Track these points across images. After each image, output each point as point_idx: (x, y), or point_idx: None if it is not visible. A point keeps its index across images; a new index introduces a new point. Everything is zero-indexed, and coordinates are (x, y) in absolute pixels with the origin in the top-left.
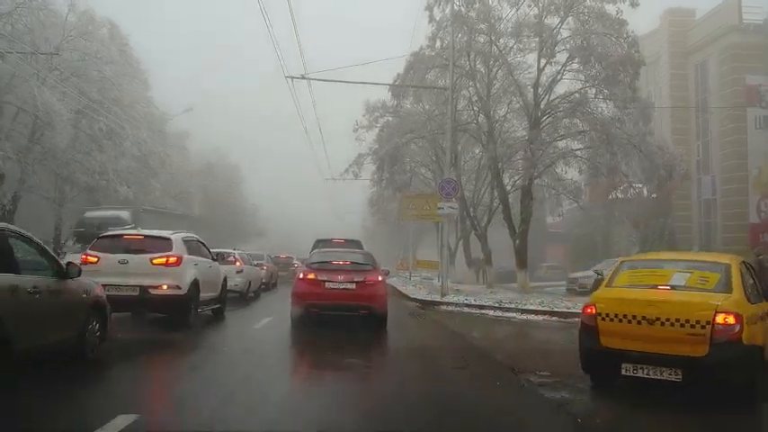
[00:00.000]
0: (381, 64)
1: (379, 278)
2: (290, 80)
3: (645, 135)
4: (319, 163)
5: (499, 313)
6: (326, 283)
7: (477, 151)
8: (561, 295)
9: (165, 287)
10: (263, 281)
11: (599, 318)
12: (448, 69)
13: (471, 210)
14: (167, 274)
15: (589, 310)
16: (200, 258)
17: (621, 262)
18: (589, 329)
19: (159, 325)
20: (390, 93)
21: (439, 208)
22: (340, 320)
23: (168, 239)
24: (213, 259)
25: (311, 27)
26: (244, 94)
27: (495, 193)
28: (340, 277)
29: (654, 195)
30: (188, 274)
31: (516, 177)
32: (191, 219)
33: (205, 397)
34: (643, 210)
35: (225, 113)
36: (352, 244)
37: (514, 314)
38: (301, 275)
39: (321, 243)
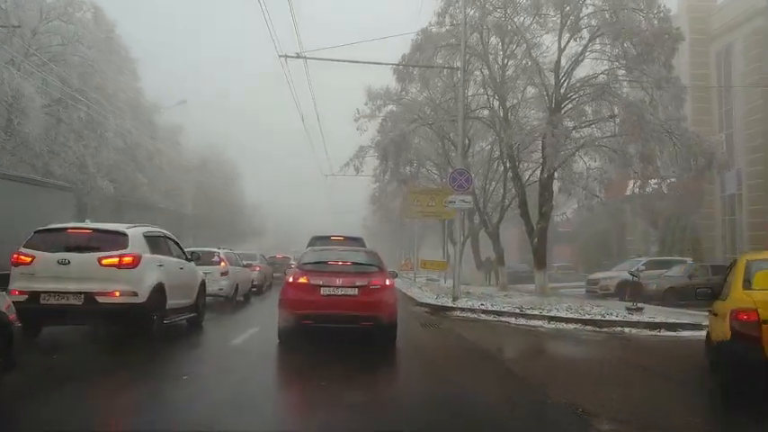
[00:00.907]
0: (384, 49)
1: (387, 282)
2: (284, 61)
3: (679, 120)
4: (319, 159)
5: (522, 321)
6: (322, 289)
7: (486, 143)
8: (583, 298)
9: (117, 294)
10: (255, 283)
11: (765, 325)
12: (458, 49)
13: (482, 205)
14: (121, 278)
15: (745, 316)
16: (169, 258)
17: (747, 261)
18: (747, 339)
19: (109, 341)
20: (395, 76)
21: (450, 202)
22: (338, 334)
23: (123, 234)
24: (188, 259)
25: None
26: (242, 90)
27: (509, 187)
28: (339, 281)
29: (679, 190)
30: (149, 278)
31: (534, 168)
32: (182, 216)
33: None
34: (666, 205)
35: (222, 110)
36: (354, 242)
37: (541, 322)
38: (291, 279)
39: (318, 241)
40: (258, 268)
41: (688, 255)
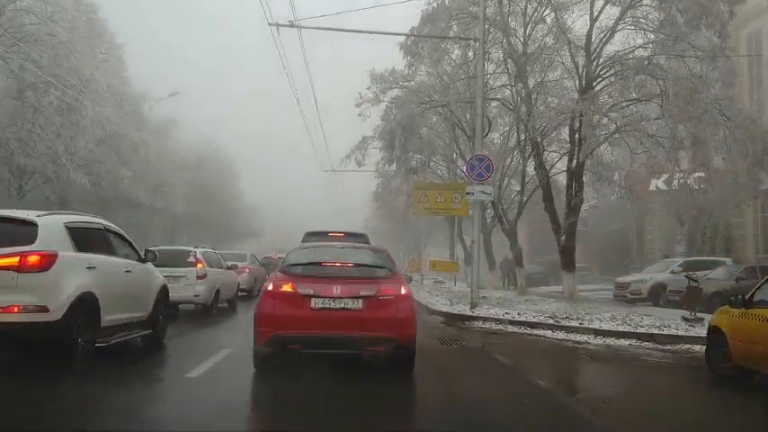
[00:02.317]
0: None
1: (403, 290)
2: (275, 32)
3: (732, 99)
4: (318, 153)
5: (561, 335)
6: (313, 301)
7: (503, 130)
8: (612, 304)
9: (16, 309)
10: (243, 287)
11: None
12: (474, 21)
13: (497, 200)
14: (22, 287)
15: None
16: (107, 258)
17: None
18: None
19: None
20: (402, 51)
21: (468, 193)
22: (335, 361)
23: (31, 224)
24: (141, 259)
25: None
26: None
27: (527, 179)
28: (337, 289)
29: (729, 179)
30: (68, 285)
31: (557, 158)
32: (175, 214)
33: None
34: (714, 197)
35: (220, 109)
36: (357, 239)
37: (585, 337)
38: (270, 287)
39: (312, 237)
40: (247, 270)
41: (720, 255)
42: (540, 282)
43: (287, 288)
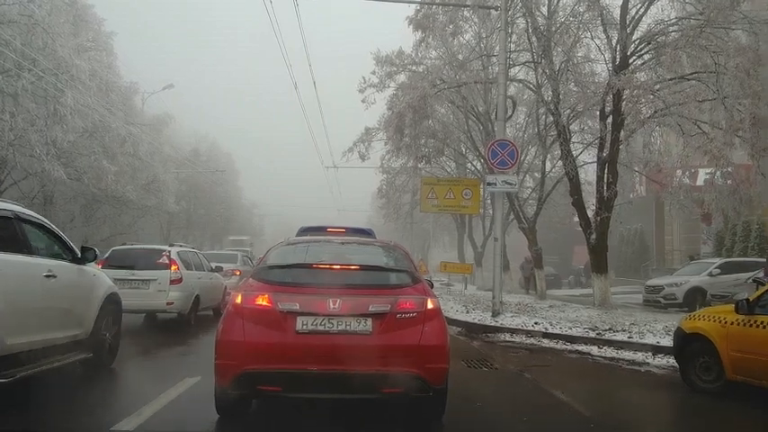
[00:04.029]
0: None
1: (430, 304)
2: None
3: None
4: (320, 148)
5: (610, 352)
6: (299, 321)
7: (517, 123)
8: (641, 309)
9: None
10: (231, 292)
11: None
12: None
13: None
14: None
15: None
16: (14, 258)
17: None
18: None
19: None
20: (412, 26)
21: (489, 184)
22: (334, 407)
23: None
24: (75, 259)
25: None
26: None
27: (548, 170)
28: (334, 303)
29: None
30: None
31: (585, 145)
32: (170, 213)
33: None
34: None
35: (217, 104)
36: (360, 235)
37: (641, 355)
38: (239, 300)
39: (308, 233)
40: (238, 273)
41: (753, 256)
42: (552, 284)
43: (262, 302)
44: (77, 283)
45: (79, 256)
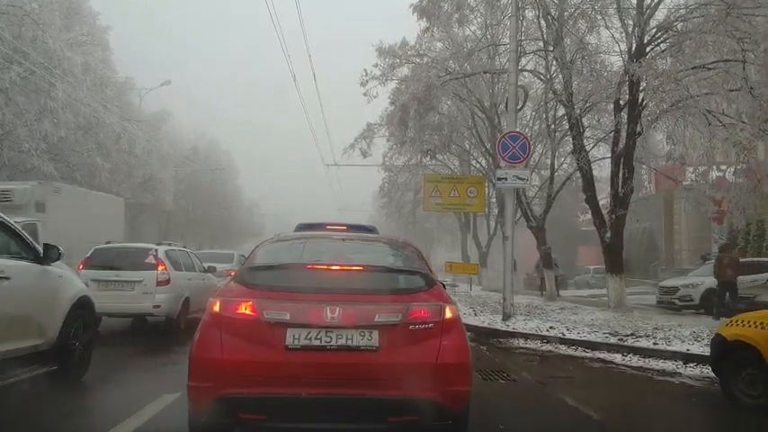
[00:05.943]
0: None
1: (449, 313)
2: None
3: None
4: (321, 147)
5: (635, 360)
6: (290, 333)
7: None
8: (656, 311)
9: None
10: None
11: None
12: None
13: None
14: None
15: None
16: None
17: None
18: None
19: None
20: (416, 14)
21: (499, 179)
22: None
23: None
24: (38, 258)
25: None
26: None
27: (556, 166)
28: (333, 312)
29: None
30: None
31: (596, 140)
32: (168, 212)
33: None
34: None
35: (216, 101)
36: (362, 232)
37: (672, 364)
38: (217, 307)
39: (307, 230)
40: (232, 274)
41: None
42: (559, 285)
43: (244, 310)
44: (37, 285)
45: (41, 254)
